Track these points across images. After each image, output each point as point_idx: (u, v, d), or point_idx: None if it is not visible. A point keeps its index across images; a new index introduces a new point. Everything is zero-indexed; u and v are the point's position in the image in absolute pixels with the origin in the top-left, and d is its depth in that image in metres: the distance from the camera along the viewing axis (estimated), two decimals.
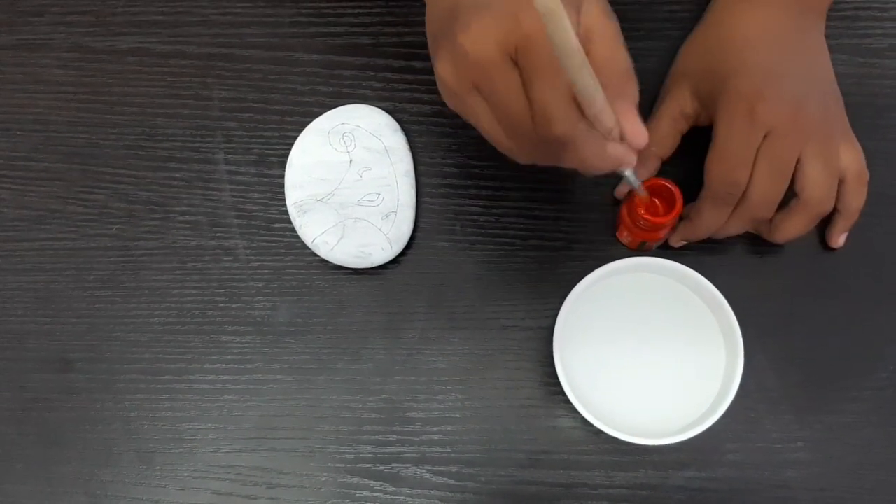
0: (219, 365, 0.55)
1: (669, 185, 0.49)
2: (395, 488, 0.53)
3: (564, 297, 0.49)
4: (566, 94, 0.38)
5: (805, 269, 0.55)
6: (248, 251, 0.57)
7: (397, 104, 0.58)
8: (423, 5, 0.58)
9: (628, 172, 0.45)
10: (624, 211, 0.52)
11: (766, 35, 0.51)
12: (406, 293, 0.56)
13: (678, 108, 0.53)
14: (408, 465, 0.54)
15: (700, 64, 0.53)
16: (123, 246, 0.57)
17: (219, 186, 0.58)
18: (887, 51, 0.57)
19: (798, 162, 0.49)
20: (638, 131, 0.41)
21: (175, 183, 0.58)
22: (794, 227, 0.51)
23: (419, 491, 0.53)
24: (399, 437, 0.54)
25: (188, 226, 0.57)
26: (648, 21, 0.58)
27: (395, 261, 0.55)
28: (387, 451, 0.54)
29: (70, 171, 0.58)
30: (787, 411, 0.53)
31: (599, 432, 0.48)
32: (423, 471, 0.54)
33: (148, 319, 0.56)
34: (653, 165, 0.54)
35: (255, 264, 0.56)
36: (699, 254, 0.55)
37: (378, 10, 0.59)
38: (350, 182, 0.54)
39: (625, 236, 0.54)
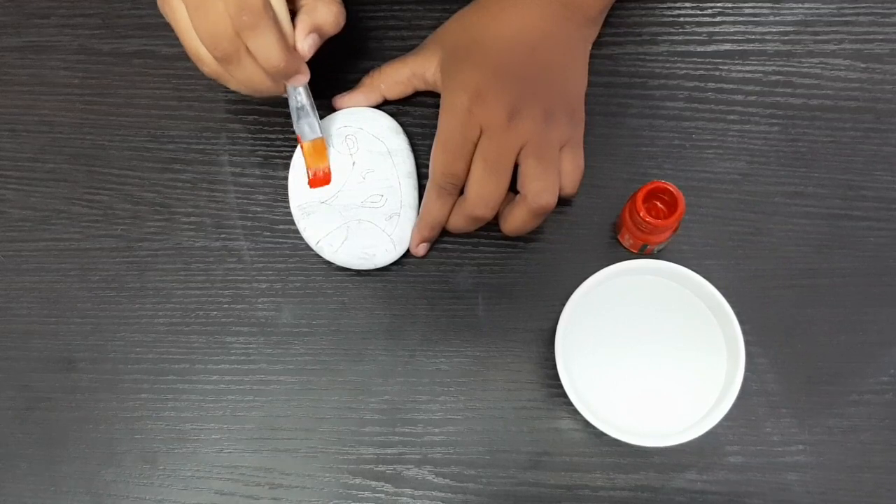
0: (222, 365, 0.56)
1: (671, 188, 0.50)
2: (396, 489, 0.54)
3: (566, 299, 0.49)
4: None
5: (807, 271, 0.55)
6: (253, 252, 0.57)
7: (401, 107, 0.58)
8: (428, 10, 0.59)
9: (303, 94, 0.52)
10: (626, 214, 0.52)
11: (519, 36, 0.53)
12: (408, 294, 0.56)
13: (421, 69, 0.55)
14: (410, 467, 0.54)
15: (454, 43, 0.54)
16: (128, 247, 0.57)
17: (223, 188, 0.58)
18: (888, 56, 0.58)
19: (517, 161, 0.51)
20: (301, 42, 0.49)
21: (180, 184, 0.58)
22: (516, 219, 0.52)
23: (421, 492, 0.53)
24: (401, 438, 0.54)
25: (193, 227, 0.57)
26: (651, 26, 0.59)
27: (397, 262, 0.55)
28: (389, 452, 0.54)
29: (75, 173, 0.59)
30: (787, 414, 0.53)
31: (601, 434, 0.48)
32: (425, 472, 0.54)
33: (152, 320, 0.56)
34: (374, 98, 0.57)
35: (260, 265, 0.57)
36: (701, 256, 0.55)
37: (382, 13, 0.60)
38: (353, 184, 0.55)
39: (626, 239, 0.54)
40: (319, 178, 0.54)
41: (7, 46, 0.60)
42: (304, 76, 0.51)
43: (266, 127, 0.58)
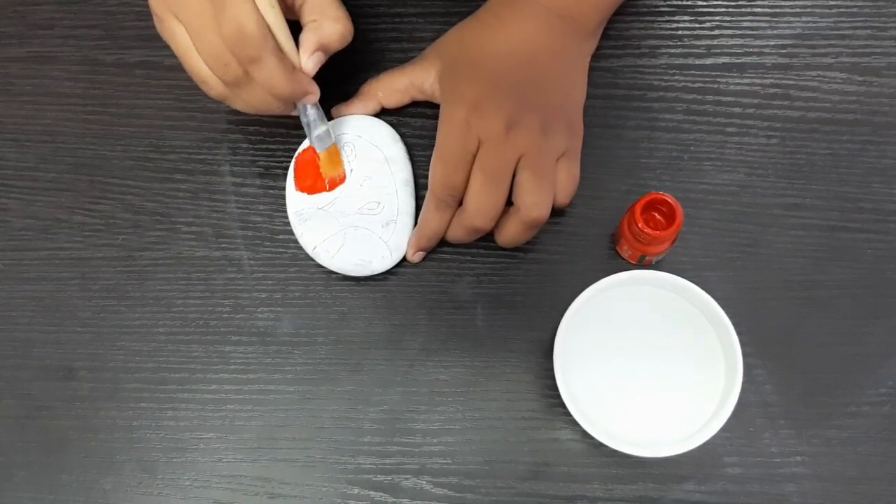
0: (222, 375, 0.56)
1: (669, 200, 0.50)
2: (395, 499, 0.54)
3: (565, 309, 0.49)
4: (255, 14, 0.46)
5: (804, 283, 0.55)
6: (253, 262, 0.57)
7: (401, 118, 0.58)
8: (429, 23, 0.60)
9: (311, 109, 0.52)
10: (624, 225, 0.52)
11: (517, 48, 0.53)
12: (407, 304, 0.56)
13: (419, 80, 0.56)
14: (408, 477, 0.54)
15: (452, 55, 0.55)
16: (129, 256, 0.58)
17: (224, 198, 0.58)
18: (885, 69, 0.58)
19: (514, 172, 0.51)
20: (305, 61, 0.50)
21: (181, 194, 0.58)
22: (509, 231, 0.52)
23: (419, 502, 0.53)
24: (399, 448, 0.54)
25: (193, 237, 0.58)
26: (650, 38, 0.59)
27: (396, 272, 0.56)
28: (387, 462, 0.54)
29: (77, 182, 0.59)
30: (786, 425, 0.54)
31: (599, 445, 0.48)
32: (424, 482, 0.54)
33: (152, 329, 0.57)
34: (371, 107, 0.57)
35: (259, 275, 0.57)
36: (699, 267, 0.55)
37: (384, 26, 0.60)
38: (351, 191, 0.55)
39: (625, 250, 0.54)
40: (315, 185, 0.55)
41: (11, 57, 0.61)
42: (314, 95, 0.51)
43: (267, 138, 0.59)
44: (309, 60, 0.50)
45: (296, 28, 0.51)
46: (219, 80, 0.48)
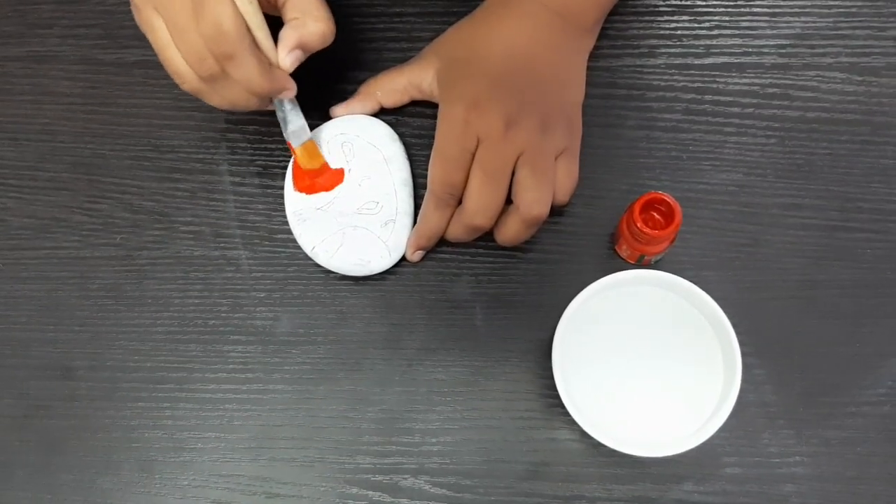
0: (220, 374, 0.56)
1: (668, 199, 0.50)
2: (393, 499, 0.54)
3: (563, 309, 0.49)
4: (233, 11, 0.46)
5: (804, 283, 0.55)
6: (251, 261, 0.57)
7: (399, 118, 0.58)
8: (427, 22, 0.60)
9: (287, 104, 0.52)
10: (623, 224, 0.52)
11: (515, 47, 0.53)
12: (406, 304, 0.56)
13: (417, 79, 0.56)
14: (406, 476, 0.54)
15: (451, 54, 0.55)
16: (127, 255, 0.58)
17: (222, 197, 0.58)
18: (884, 69, 0.58)
19: (513, 170, 0.51)
20: (283, 58, 0.49)
21: (179, 193, 0.58)
22: (509, 229, 0.52)
23: (417, 502, 0.53)
24: (398, 447, 0.54)
25: (192, 236, 0.58)
26: (649, 38, 0.59)
27: (395, 271, 0.56)
28: (386, 461, 0.54)
29: (76, 181, 0.59)
30: (785, 426, 0.53)
31: (598, 445, 0.48)
32: (422, 482, 0.54)
33: (150, 328, 0.57)
34: (370, 106, 0.57)
35: (258, 274, 0.57)
36: (698, 267, 0.55)
37: (381, 25, 0.60)
38: (349, 191, 0.55)
39: (624, 249, 0.54)
40: (313, 185, 0.55)
41: (10, 56, 0.61)
42: (291, 91, 0.51)
43: (265, 137, 0.59)
44: (287, 58, 0.50)
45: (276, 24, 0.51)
46: (194, 74, 0.48)
